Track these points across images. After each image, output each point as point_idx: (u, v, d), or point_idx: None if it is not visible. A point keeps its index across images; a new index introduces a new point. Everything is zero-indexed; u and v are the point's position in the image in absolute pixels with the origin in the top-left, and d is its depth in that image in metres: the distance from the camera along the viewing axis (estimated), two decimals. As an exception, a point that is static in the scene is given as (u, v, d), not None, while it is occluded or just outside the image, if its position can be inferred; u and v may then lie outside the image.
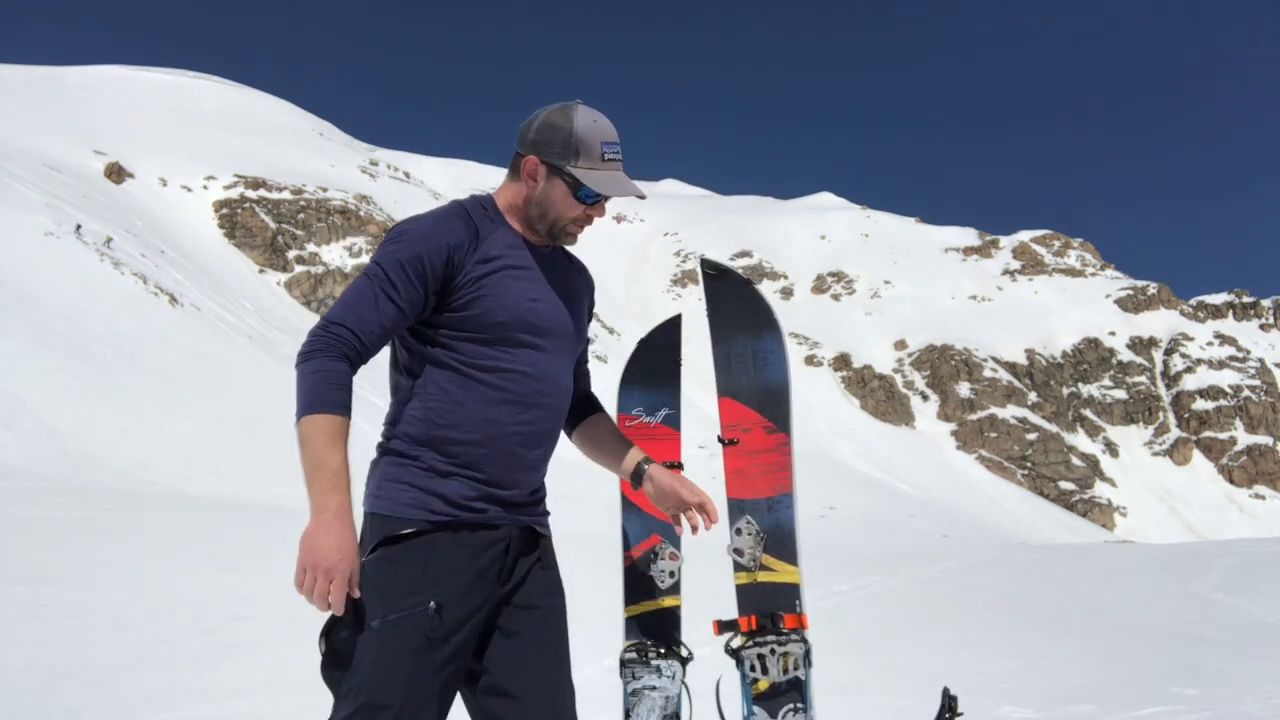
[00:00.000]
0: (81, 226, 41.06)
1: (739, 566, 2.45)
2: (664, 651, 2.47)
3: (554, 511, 2.21)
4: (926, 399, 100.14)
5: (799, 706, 2.33)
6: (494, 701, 1.97)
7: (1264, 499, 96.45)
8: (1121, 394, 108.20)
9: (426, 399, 1.99)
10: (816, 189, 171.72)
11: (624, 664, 2.47)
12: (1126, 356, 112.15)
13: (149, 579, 7.77)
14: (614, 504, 2.44)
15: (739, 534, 2.46)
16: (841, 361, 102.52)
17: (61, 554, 8.38)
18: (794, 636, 2.36)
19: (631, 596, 2.55)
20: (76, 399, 21.38)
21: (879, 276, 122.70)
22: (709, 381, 2.63)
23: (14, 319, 25.27)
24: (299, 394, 1.89)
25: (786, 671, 2.33)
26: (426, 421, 1.98)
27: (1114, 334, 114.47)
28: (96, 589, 7.03)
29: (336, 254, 68.77)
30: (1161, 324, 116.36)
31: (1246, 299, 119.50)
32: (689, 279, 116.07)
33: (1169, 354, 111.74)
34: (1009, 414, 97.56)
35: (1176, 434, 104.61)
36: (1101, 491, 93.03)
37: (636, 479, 2.25)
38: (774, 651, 2.34)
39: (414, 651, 1.85)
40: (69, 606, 6.40)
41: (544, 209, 2.05)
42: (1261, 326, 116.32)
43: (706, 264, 2.61)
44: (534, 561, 2.06)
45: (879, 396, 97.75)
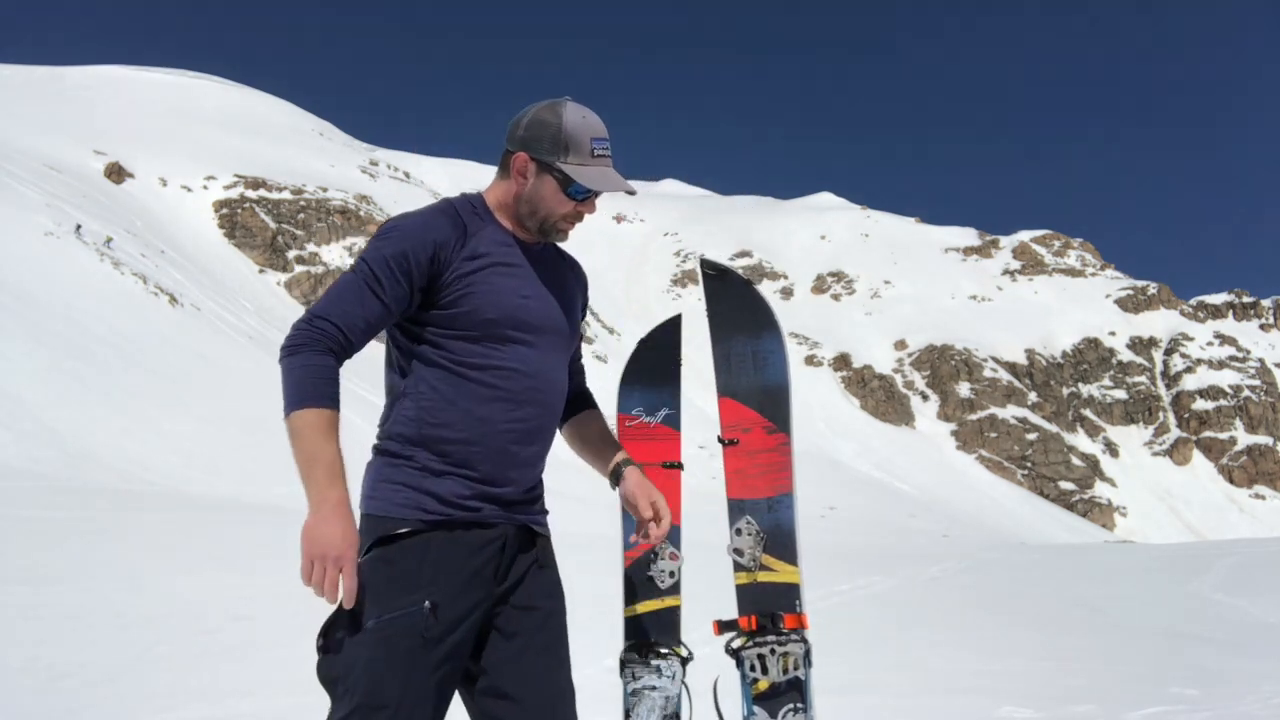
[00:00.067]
0: (81, 226, 41.06)
1: (739, 566, 2.45)
2: (664, 651, 2.46)
3: (553, 512, 2.21)
4: (926, 399, 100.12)
5: (799, 706, 2.33)
6: (493, 704, 1.97)
7: (1264, 499, 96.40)
8: (1121, 394, 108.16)
9: (418, 398, 1.99)
10: (816, 189, 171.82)
11: (624, 664, 2.47)
12: (1126, 356, 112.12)
13: (149, 579, 7.77)
14: (614, 504, 2.44)
15: (739, 534, 2.46)
16: (841, 361, 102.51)
17: (61, 554, 8.38)
18: (794, 636, 2.36)
19: (631, 596, 2.54)
20: (76, 399, 21.37)
21: (879, 276, 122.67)
22: (709, 381, 2.63)
23: (14, 319, 25.25)
24: (287, 388, 1.88)
25: (786, 671, 2.33)
26: (419, 421, 1.97)
27: (1114, 334, 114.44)
28: (96, 589, 7.03)
29: (336, 254, 68.72)
30: (1161, 324, 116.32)
31: (1246, 299, 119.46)
32: (689, 279, 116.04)
33: (1169, 354, 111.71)
34: (1009, 414, 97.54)
35: (1176, 434, 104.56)
36: (1101, 491, 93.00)
37: (615, 479, 2.25)
38: (774, 651, 2.34)
39: (409, 651, 1.84)
40: (69, 606, 6.40)
41: (534, 206, 2.05)
42: (1261, 326, 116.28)
43: (706, 264, 2.61)
44: (532, 561, 2.05)
45: (879, 396, 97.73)
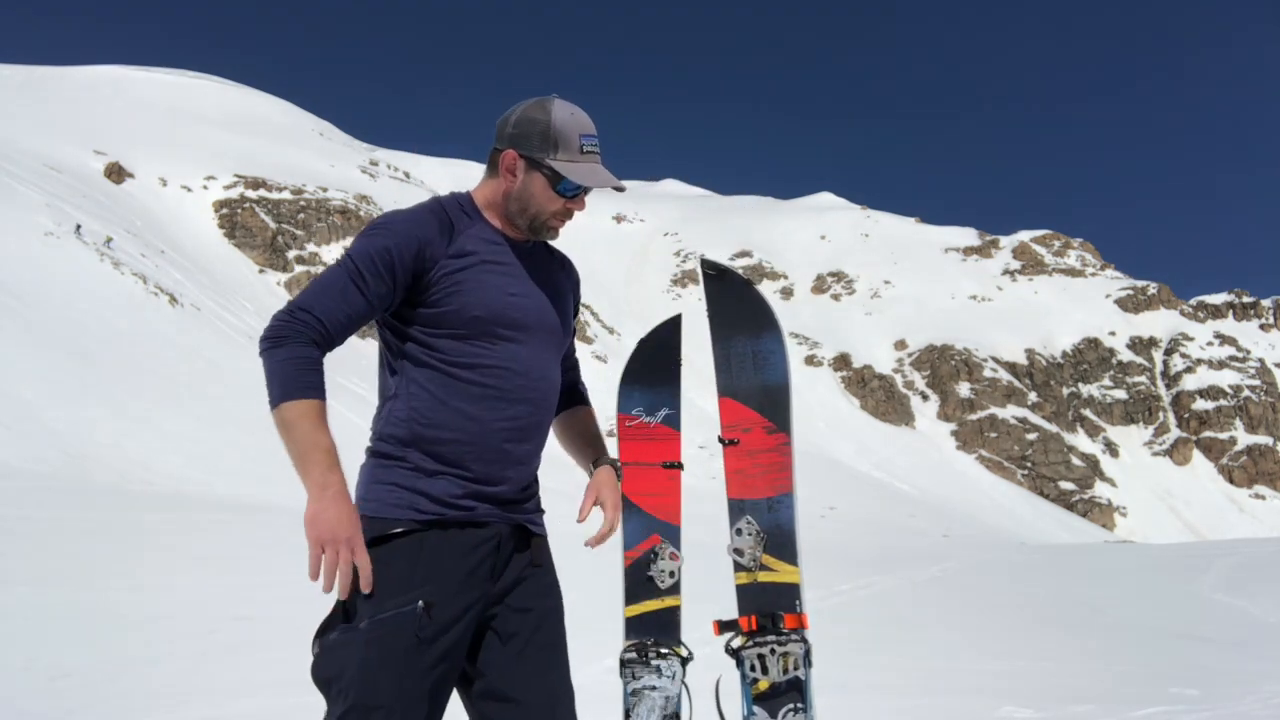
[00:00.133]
0: (81, 226, 41.09)
1: (739, 566, 2.45)
2: (664, 651, 2.46)
3: (551, 511, 2.21)
4: (926, 399, 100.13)
5: (799, 706, 2.33)
6: (492, 706, 1.96)
7: (1264, 499, 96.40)
8: (1121, 394, 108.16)
9: (410, 399, 1.98)
10: (816, 189, 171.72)
11: (624, 664, 2.46)
12: (1126, 356, 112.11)
13: (149, 579, 7.78)
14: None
15: (739, 534, 2.46)
16: (841, 361, 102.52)
17: (61, 554, 8.38)
18: (794, 636, 2.36)
19: (631, 596, 2.54)
20: (76, 399, 21.38)
21: (879, 276, 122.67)
22: (709, 381, 2.63)
23: (14, 319, 25.27)
24: (272, 380, 1.86)
25: (786, 671, 2.33)
26: (410, 422, 1.97)
27: (1114, 334, 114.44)
28: (96, 589, 7.03)
29: (336, 254, 68.69)
30: (1161, 324, 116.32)
31: (1246, 299, 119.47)
32: (689, 279, 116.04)
33: (1169, 354, 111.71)
34: (1009, 414, 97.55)
35: (1176, 434, 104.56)
36: (1101, 491, 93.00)
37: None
38: (774, 651, 2.34)
39: (404, 652, 1.83)
40: (69, 606, 6.40)
41: (524, 203, 2.04)
42: (1261, 326, 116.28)
43: (706, 264, 2.61)
44: (527, 562, 2.04)
45: (879, 396, 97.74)
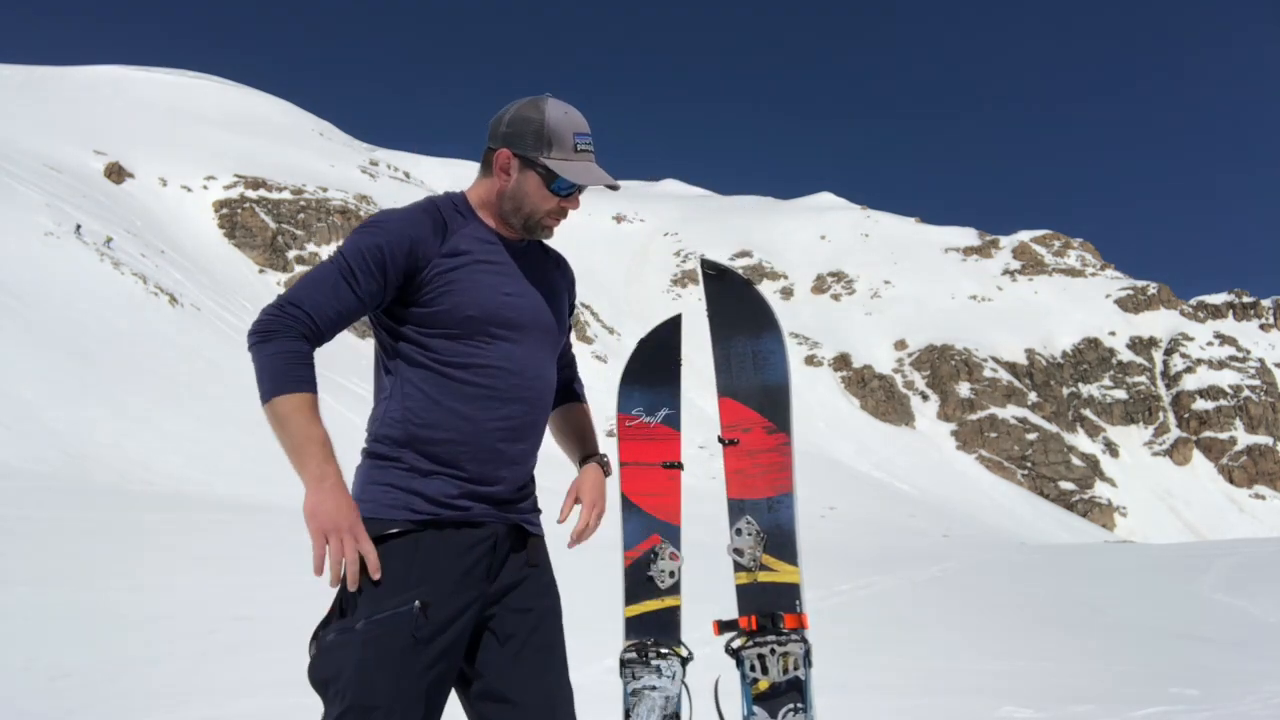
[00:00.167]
0: (81, 226, 41.09)
1: (739, 566, 2.45)
2: (664, 651, 2.46)
3: (550, 512, 2.21)
4: (926, 399, 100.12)
5: (799, 706, 2.33)
6: (491, 707, 1.96)
7: (1264, 499, 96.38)
8: (1121, 394, 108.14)
9: (404, 399, 1.98)
10: (816, 189, 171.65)
11: (624, 664, 2.46)
12: (1126, 356, 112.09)
13: (149, 579, 7.78)
14: (614, 504, 2.44)
15: (739, 534, 2.46)
16: (841, 361, 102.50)
17: (61, 554, 8.38)
18: (794, 636, 2.36)
19: (631, 596, 2.54)
20: (76, 399, 21.38)
21: (879, 276, 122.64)
22: (709, 381, 2.63)
23: (14, 319, 25.27)
24: (263, 374, 1.86)
25: (786, 671, 2.33)
26: (405, 422, 1.97)
27: (1114, 334, 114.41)
28: (96, 589, 7.03)
29: (336, 254, 68.71)
30: (1161, 324, 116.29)
31: (1246, 299, 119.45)
32: (689, 279, 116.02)
33: (1169, 354, 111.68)
34: (1009, 414, 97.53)
35: (1176, 434, 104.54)
36: (1101, 491, 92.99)
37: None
38: (774, 651, 2.34)
39: (401, 652, 1.83)
40: (69, 606, 6.40)
41: (518, 202, 2.04)
42: (1261, 326, 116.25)
43: (706, 264, 2.61)
44: (524, 561, 2.04)
45: (879, 396, 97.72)
